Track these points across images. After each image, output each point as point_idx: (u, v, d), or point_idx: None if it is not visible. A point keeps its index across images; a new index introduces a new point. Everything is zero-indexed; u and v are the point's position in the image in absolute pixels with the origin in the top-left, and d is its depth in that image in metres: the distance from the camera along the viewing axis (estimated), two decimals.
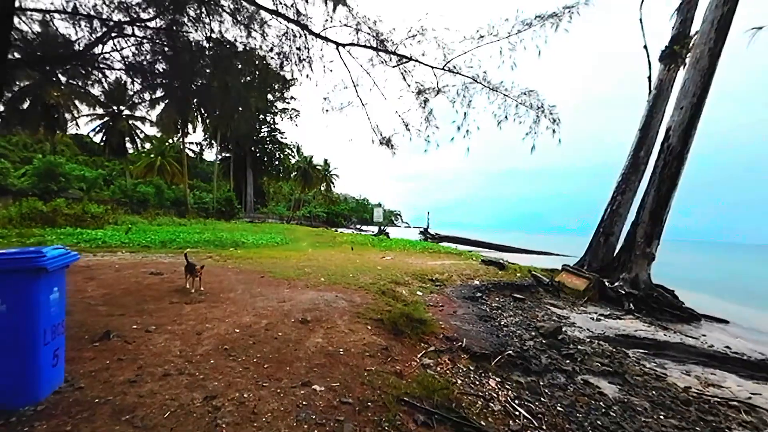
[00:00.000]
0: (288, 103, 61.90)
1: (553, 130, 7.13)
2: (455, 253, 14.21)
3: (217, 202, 39.67)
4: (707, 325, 9.18)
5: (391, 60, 7.55)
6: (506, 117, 7.26)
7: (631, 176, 12.46)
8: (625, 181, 12.54)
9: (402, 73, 7.66)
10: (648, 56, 13.09)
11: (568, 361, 4.70)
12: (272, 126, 59.91)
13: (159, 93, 7.82)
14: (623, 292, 9.92)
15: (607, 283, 10.48)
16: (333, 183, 74.18)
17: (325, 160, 69.05)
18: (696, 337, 7.57)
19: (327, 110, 8.70)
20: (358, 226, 74.92)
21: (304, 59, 7.20)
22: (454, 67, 7.38)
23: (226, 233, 18.96)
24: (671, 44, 12.17)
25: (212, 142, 48.62)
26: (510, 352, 4.49)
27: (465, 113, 7.64)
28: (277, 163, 62.02)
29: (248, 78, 7.46)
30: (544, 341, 5.40)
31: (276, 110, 61.22)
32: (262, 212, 58.55)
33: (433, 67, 7.45)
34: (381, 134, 8.01)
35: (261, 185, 65.37)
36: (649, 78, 12.95)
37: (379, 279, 7.38)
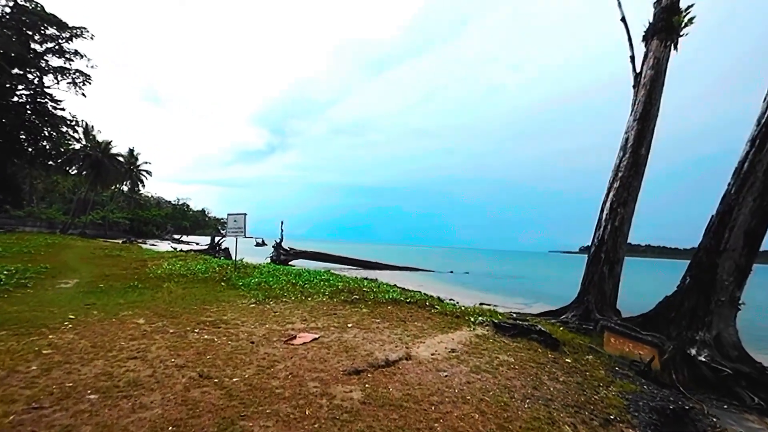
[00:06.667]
0: (70, 60, 42.50)
1: None
2: (419, 303, 7.80)
3: None
4: None
5: None
6: None
7: (632, 181, 9.04)
8: (625, 187, 9.05)
9: None
10: (628, 32, 10.30)
11: None
12: (38, 89, 39.61)
13: None
14: (728, 371, 5.80)
15: (687, 351, 6.27)
16: (142, 181, 56.06)
17: (131, 150, 51.36)
18: None
19: None
20: (176, 237, 57.23)
21: None
22: None
23: None
24: (666, 15, 9.54)
25: None
26: None
27: None
28: (45, 144, 41.36)
29: None
30: None
31: (48, 67, 40.96)
32: (14, 216, 38.13)
33: None
34: None
35: (15, 175, 42.81)
36: (632, 58, 10.13)
37: None
